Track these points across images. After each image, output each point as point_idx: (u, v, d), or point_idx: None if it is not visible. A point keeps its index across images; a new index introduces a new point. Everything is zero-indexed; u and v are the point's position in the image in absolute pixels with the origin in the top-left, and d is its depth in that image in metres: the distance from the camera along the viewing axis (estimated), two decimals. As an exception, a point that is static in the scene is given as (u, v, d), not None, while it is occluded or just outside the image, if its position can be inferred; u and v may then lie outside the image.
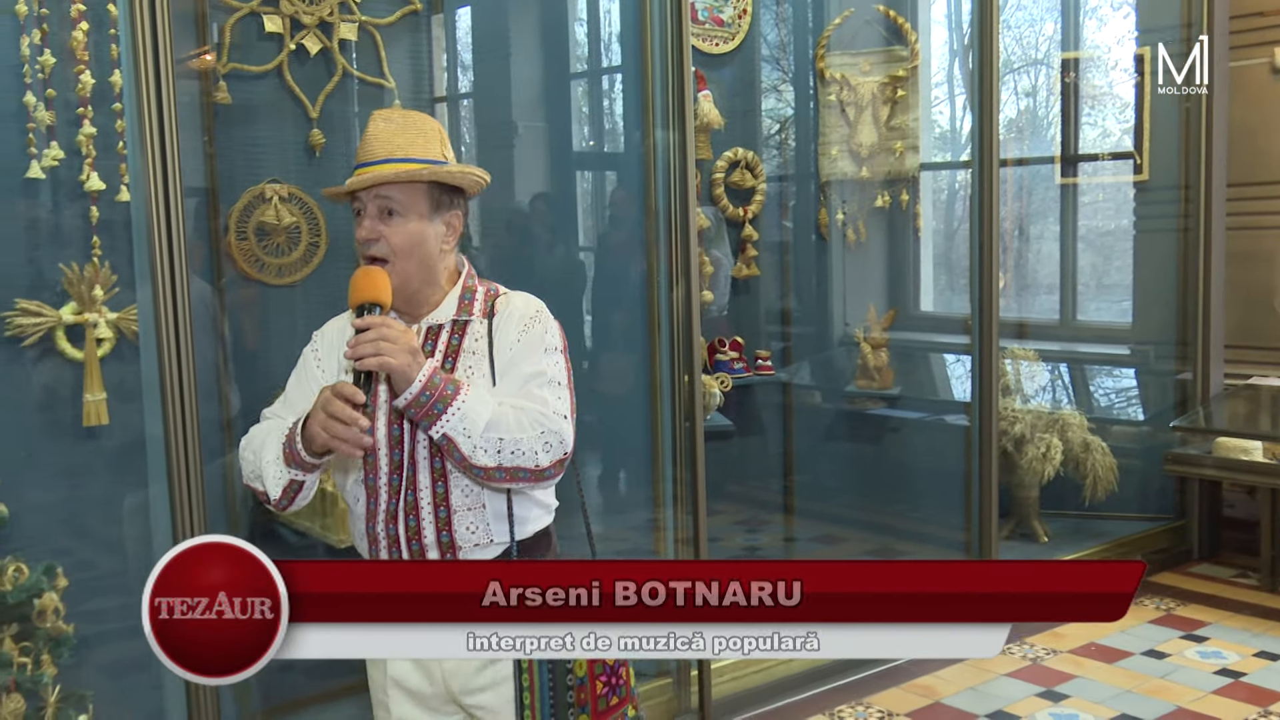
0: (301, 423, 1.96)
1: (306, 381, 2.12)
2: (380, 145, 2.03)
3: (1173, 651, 4.42)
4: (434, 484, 2.05)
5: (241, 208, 3.55)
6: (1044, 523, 5.47)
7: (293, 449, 1.97)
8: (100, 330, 3.15)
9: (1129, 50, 5.83)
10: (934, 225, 6.09)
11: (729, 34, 4.80)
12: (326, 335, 2.17)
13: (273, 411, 2.14)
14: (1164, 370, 5.80)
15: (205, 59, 3.48)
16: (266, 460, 2.02)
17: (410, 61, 3.92)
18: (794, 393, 5.33)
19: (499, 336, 2.08)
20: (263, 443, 2.05)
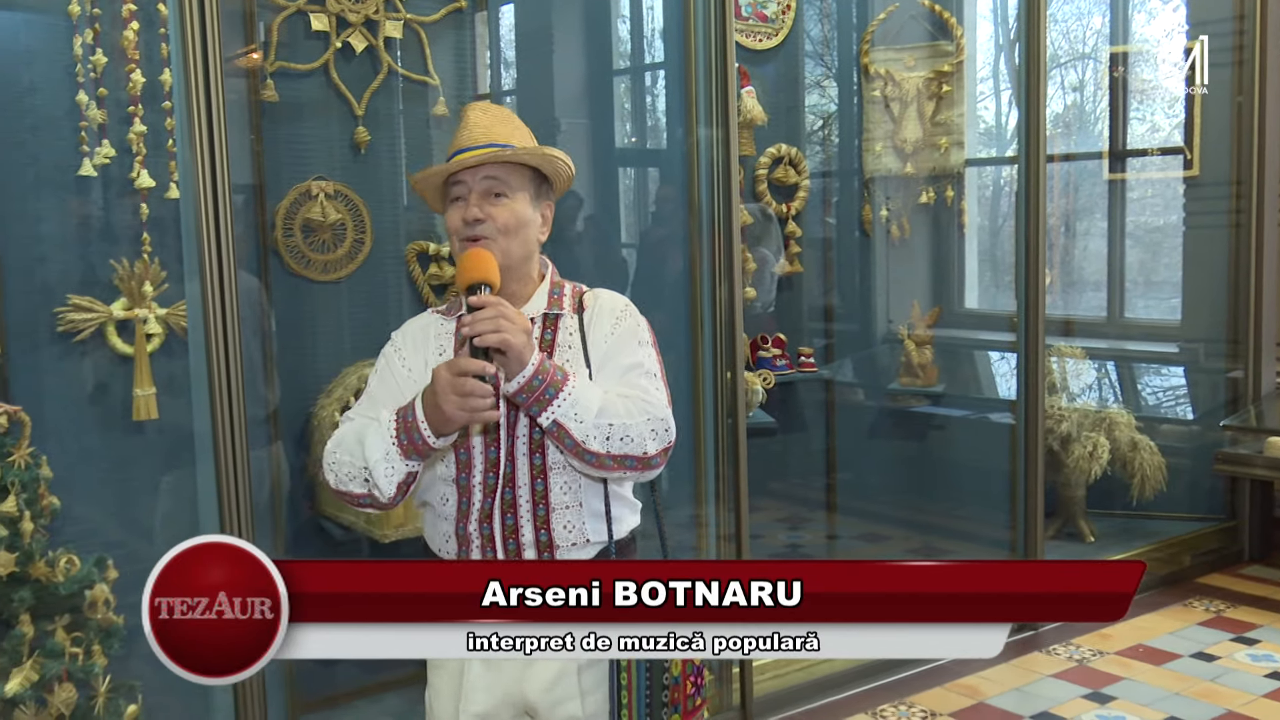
0: (418, 410, 1.93)
1: (392, 381, 2.09)
2: (481, 132, 2.06)
3: (1223, 654, 4.36)
4: (533, 481, 2.05)
5: (288, 204, 3.58)
6: (1090, 522, 5.41)
7: (412, 439, 1.93)
8: (150, 326, 3.19)
9: (1179, 44, 5.75)
10: (979, 221, 6.04)
11: (772, 30, 4.78)
12: (408, 334, 2.15)
13: (358, 413, 2.08)
14: (1214, 368, 5.72)
15: (253, 57, 3.51)
16: (374, 459, 1.96)
17: (454, 59, 3.94)
18: (837, 390, 5.30)
19: (592, 331, 2.09)
20: (360, 442, 1.99)
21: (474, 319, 1.89)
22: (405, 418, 1.95)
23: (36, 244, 3.14)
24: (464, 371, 1.86)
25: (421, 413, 1.92)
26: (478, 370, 1.86)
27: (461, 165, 2.03)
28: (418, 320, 2.18)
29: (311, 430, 3.63)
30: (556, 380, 1.93)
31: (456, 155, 2.06)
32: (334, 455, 2.02)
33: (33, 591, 2.70)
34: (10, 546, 2.67)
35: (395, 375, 2.10)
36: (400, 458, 1.95)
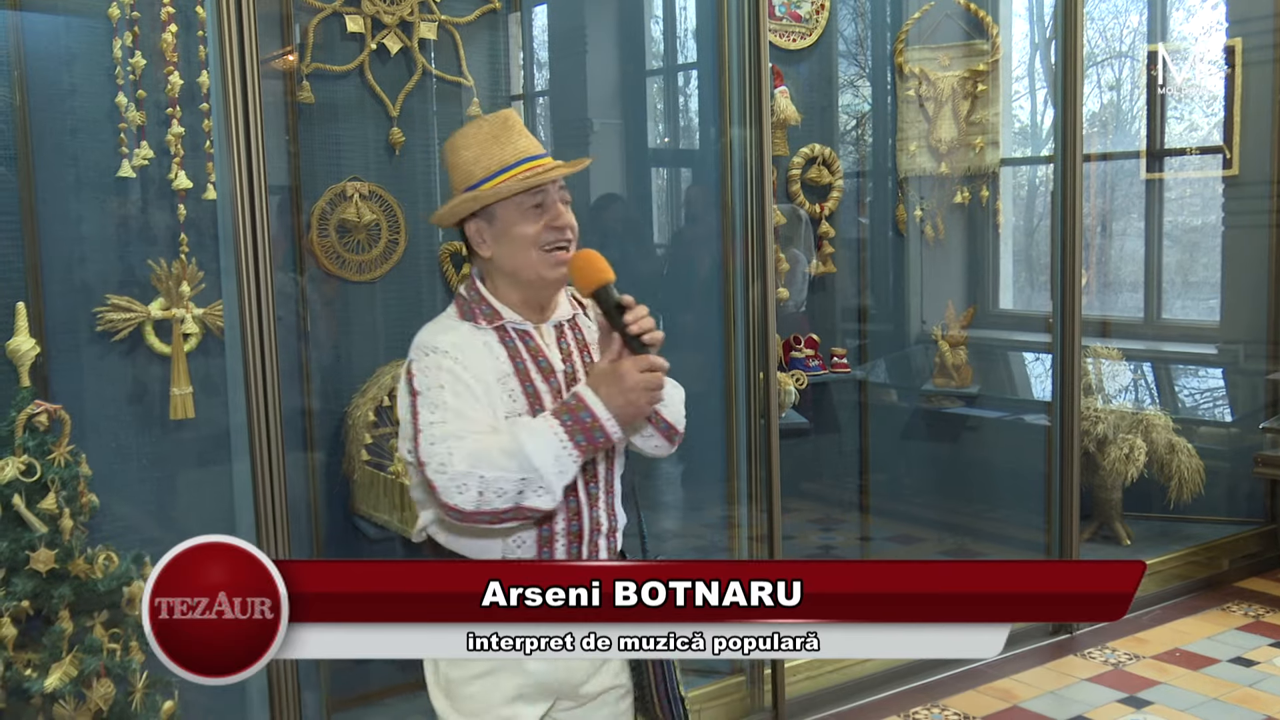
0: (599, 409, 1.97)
1: (470, 394, 2.02)
2: (535, 142, 2.12)
3: (1261, 659, 4.31)
4: (608, 471, 2.18)
5: (323, 205, 3.61)
6: (1127, 525, 5.36)
7: (592, 438, 1.97)
8: (187, 325, 3.22)
9: (1218, 42, 5.68)
10: (1014, 221, 6.00)
11: (806, 29, 4.77)
12: (463, 349, 2.06)
13: (465, 430, 1.97)
14: (1253, 370, 5.65)
15: (289, 59, 3.54)
16: (545, 465, 1.93)
17: (488, 60, 3.96)
18: (870, 391, 5.28)
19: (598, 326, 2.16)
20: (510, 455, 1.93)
21: (640, 318, 2.01)
22: (580, 418, 1.97)
23: (76, 244, 3.17)
24: (655, 368, 1.99)
25: (605, 410, 1.97)
26: (665, 367, 2.01)
27: (571, 170, 2.11)
28: (455, 332, 2.09)
29: (346, 430, 3.66)
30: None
31: (526, 163, 2.07)
32: (474, 474, 1.93)
33: (72, 588, 2.73)
34: (50, 543, 2.71)
35: (471, 388, 2.03)
36: (576, 459, 1.97)
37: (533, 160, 2.08)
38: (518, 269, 2.08)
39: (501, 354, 2.08)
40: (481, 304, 2.11)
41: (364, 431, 3.57)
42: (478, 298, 2.12)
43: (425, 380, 2.02)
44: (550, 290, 2.13)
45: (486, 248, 2.10)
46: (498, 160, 2.07)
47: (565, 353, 2.14)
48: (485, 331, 2.10)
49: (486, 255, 2.11)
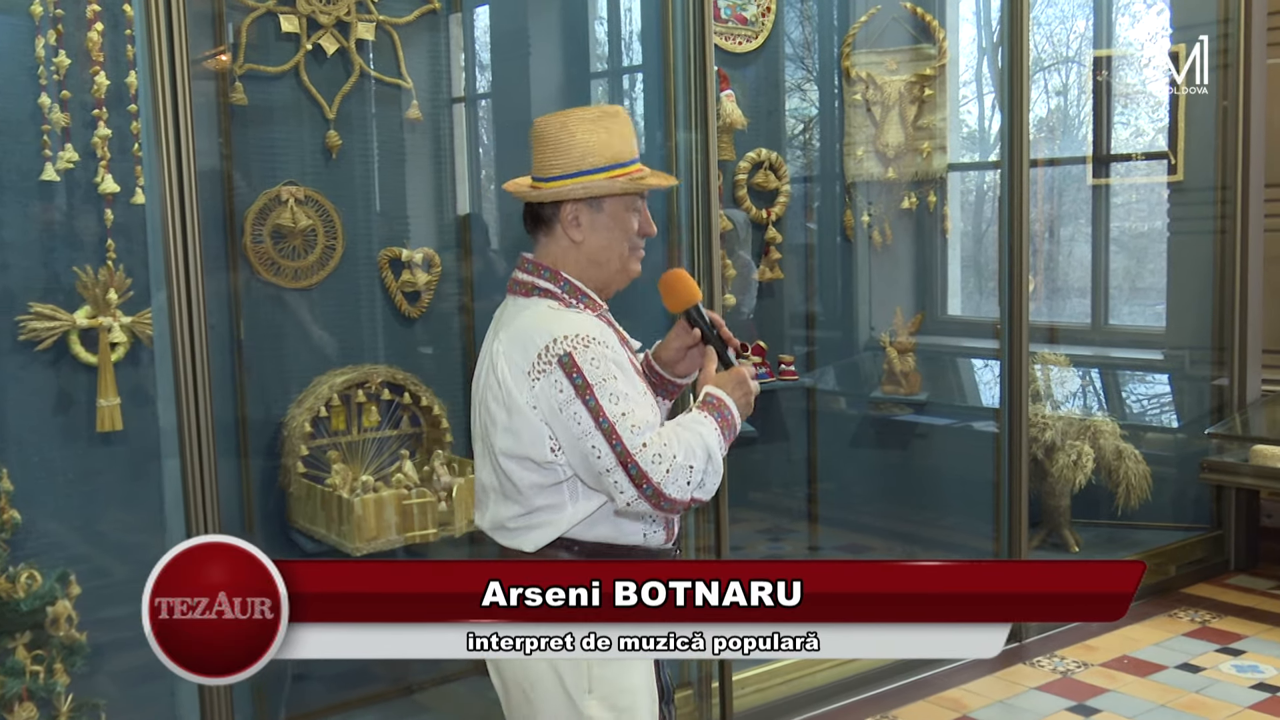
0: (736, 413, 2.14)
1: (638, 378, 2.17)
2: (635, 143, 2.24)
3: (1208, 665, 4.39)
4: None
5: (257, 210, 3.57)
6: (1075, 532, 5.44)
7: (733, 434, 2.14)
8: (114, 334, 3.17)
9: (1163, 47, 5.80)
10: (962, 227, 6.07)
11: (752, 32, 4.80)
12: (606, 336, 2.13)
13: (654, 420, 2.08)
14: (1199, 375, 5.76)
15: (221, 59, 3.50)
16: (719, 461, 2.08)
17: (428, 61, 3.94)
18: (818, 398, 5.32)
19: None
20: (707, 450, 2.05)
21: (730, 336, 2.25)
22: (726, 417, 2.12)
23: (-3, 250, 3.12)
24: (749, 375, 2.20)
25: (738, 411, 2.16)
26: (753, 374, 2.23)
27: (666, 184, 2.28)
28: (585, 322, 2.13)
29: (282, 441, 3.62)
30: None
31: (637, 164, 2.20)
32: (685, 465, 2.02)
33: (-7, 608, 2.68)
34: (-31, 562, 2.65)
35: (633, 376, 2.14)
36: (725, 449, 2.11)
37: (640, 163, 2.21)
38: (609, 259, 2.19)
39: (615, 339, 2.19)
40: (578, 293, 2.18)
41: (300, 443, 3.54)
42: (571, 288, 2.18)
43: (595, 371, 2.04)
44: (622, 284, 2.26)
45: (580, 231, 2.17)
46: (618, 153, 2.17)
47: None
48: (595, 318, 2.18)
49: (578, 239, 2.17)
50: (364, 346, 3.83)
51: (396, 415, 3.76)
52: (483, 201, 4.43)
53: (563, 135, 2.16)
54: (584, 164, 2.15)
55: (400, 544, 3.50)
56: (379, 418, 3.71)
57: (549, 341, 2.06)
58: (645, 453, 2.00)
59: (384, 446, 3.75)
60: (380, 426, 3.73)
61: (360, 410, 3.69)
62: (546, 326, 2.09)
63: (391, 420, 3.75)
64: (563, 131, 2.16)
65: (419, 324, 3.89)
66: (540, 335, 2.07)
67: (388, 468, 3.70)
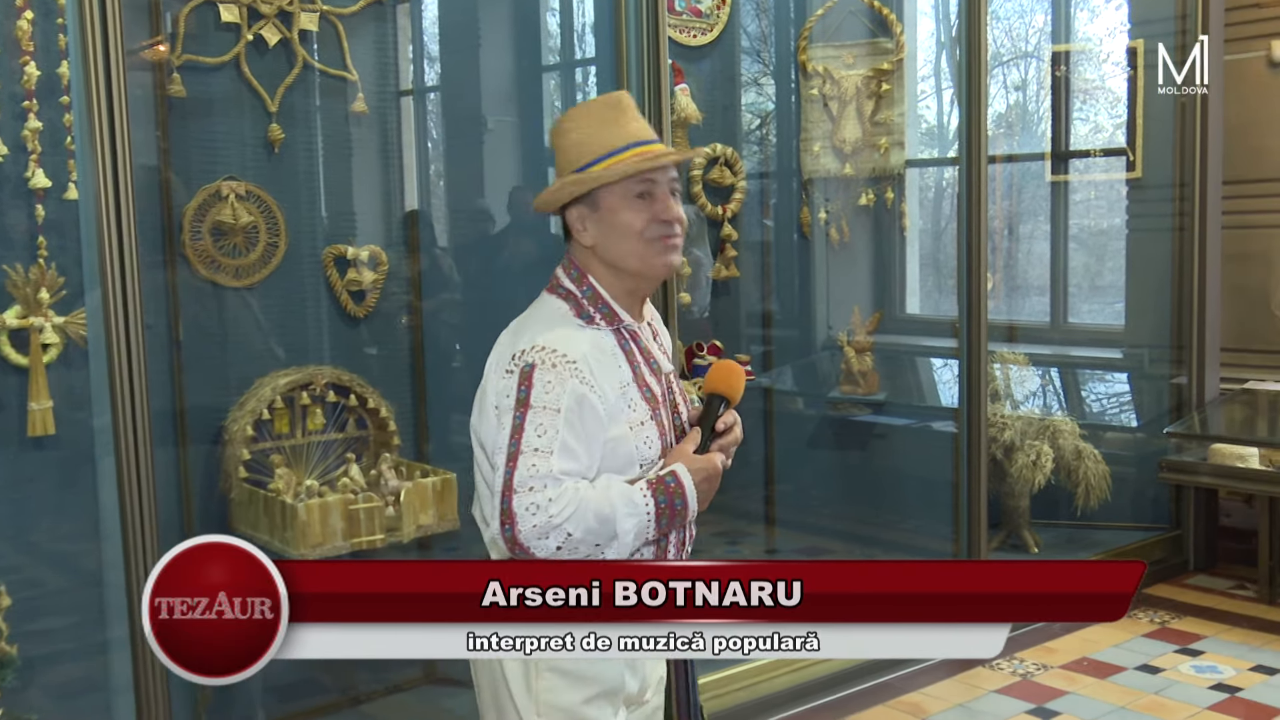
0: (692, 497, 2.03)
1: (596, 432, 1.99)
2: (647, 127, 2.10)
3: (1167, 666, 4.45)
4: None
5: (196, 206, 3.53)
6: (1035, 533, 5.50)
7: (674, 520, 2.03)
8: (46, 335, 3.13)
9: (1121, 43, 5.87)
10: (920, 224, 6.12)
11: (707, 25, 4.80)
12: (588, 360, 2.01)
13: (564, 473, 1.94)
14: (1158, 374, 5.84)
15: (158, 50, 3.46)
16: (628, 540, 1.98)
17: (374, 53, 3.91)
18: (775, 399, 5.34)
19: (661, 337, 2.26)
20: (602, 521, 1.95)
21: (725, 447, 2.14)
22: (674, 505, 2.02)
23: (-78, 248, 3.06)
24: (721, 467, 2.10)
25: (695, 503, 2.04)
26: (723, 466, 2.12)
27: (664, 164, 2.06)
28: (578, 338, 2.03)
29: (222, 445, 3.58)
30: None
31: (636, 148, 2.06)
32: (565, 529, 1.92)
33: (-82, 621, 2.63)
34: (-107, 573, 2.60)
35: (595, 419, 1.99)
36: (652, 536, 2.02)
37: (643, 145, 2.06)
38: (621, 259, 2.06)
39: (623, 360, 2.08)
40: (598, 302, 2.09)
41: (242, 447, 3.50)
42: (593, 295, 2.09)
43: (543, 395, 1.95)
44: (653, 283, 2.14)
45: (588, 235, 2.08)
46: (605, 143, 2.06)
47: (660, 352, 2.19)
48: (606, 334, 2.08)
49: (588, 244, 2.08)
50: (308, 347, 3.80)
51: (342, 418, 3.73)
52: (431, 198, 4.41)
53: (559, 139, 2.12)
54: (577, 162, 2.08)
55: (346, 550, 3.47)
56: (324, 420, 3.68)
57: (528, 345, 2.00)
58: (525, 497, 1.91)
59: (329, 450, 3.72)
60: (325, 429, 3.69)
61: (304, 413, 3.66)
62: (538, 329, 2.04)
63: (337, 423, 3.72)
64: (559, 135, 2.11)
65: (365, 324, 3.86)
66: (528, 336, 2.03)
67: (333, 472, 3.67)
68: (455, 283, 4.27)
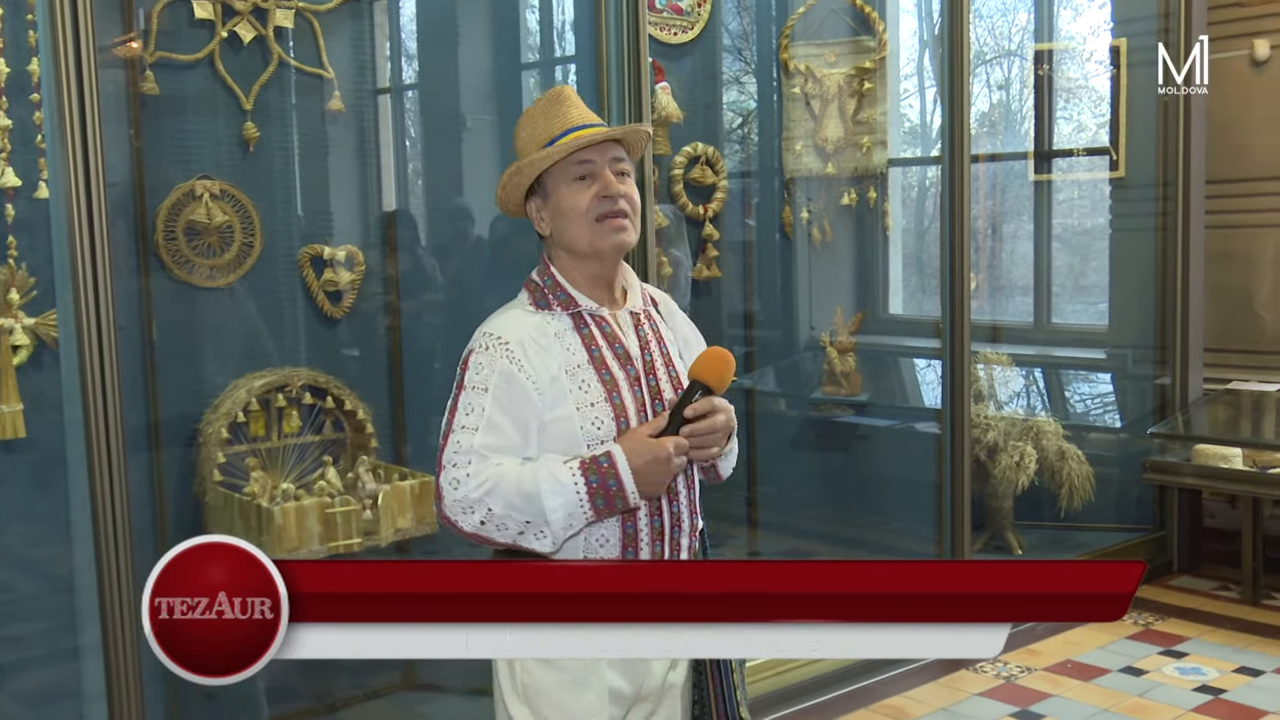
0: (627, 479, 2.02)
1: (524, 410, 2.06)
2: (585, 112, 2.16)
3: (1151, 668, 4.48)
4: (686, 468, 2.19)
5: (170, 205, 3.51)
6: (1018, 534, 5.52)
7: (611, 503, 2.03)
8: (16, 337, 3.11)
9: (1105, 42, 5.91)
10: (903, 224, 6.14)
11: (688, 23, 4.81)
12: (525, 343, 2.09)
13: (485, 448, 2.03)
14: (1142, 375, 5.87)
15: (131, 47, 3.44)
16: (556, 519, 2.00)
17: (351, 50, 3.90)
18: (757, 400, 5.35)
19: (672, 323, 2.32)
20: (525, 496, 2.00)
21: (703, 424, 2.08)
22: (607, 485, 2.02)
23: (-111, 248, 3.04)
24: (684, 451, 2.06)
25: (633, 483, 2.02)
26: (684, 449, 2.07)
27: (607, 137, 2.12)
28: (520, 321, 2.13)
29: (197, 448, 3.56)
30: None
31: (571, 132, 2.11)
32: (484, 503, 2.00)
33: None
34: None
35: (523, 396, 2.05)
36: (590, 519, 2.03)
37: (580, 129, 2.12)
38: (572, 242, 2.13)
39: (575, 343, 2.12)
40: (556, 290, 2.16)
41: (217, 450, 3.49)
42: (552, 283, 2.16)
43: (474, 376, 2.07)
44: (608, 262, 2.17)
45: (545, 225, 2.17)
46: (545, 133, 2.14)
47: (643, 341, 2.19)
48: (559, 319, 2.14)
49: (546, 233, 2.17)
50: (284, 348, 3.78)
51: (319, 420, 3.72)
52: (409, 197, 4.40)
53: (515, 140, 2.20)
54: (522, 156, 2.16)
55: (323, 554, 3.46)
56: (300, 423, 3.67)
57: (476, 334, 2.13)
58: (449, 472, 2.02)
59: (305, 453, 3.70)
60: (301, 432, 3.68)
61: (280, 415, 3.64)
62: (490, 319, 2.15)
63: (313, 425, 3.71)
64: (514, 138, 2.21)
65: (342, 324, 3.85)
66: (480, 326, 2.15)
67: (309, 475, 3.66)
68: (434, 283, 4.27)
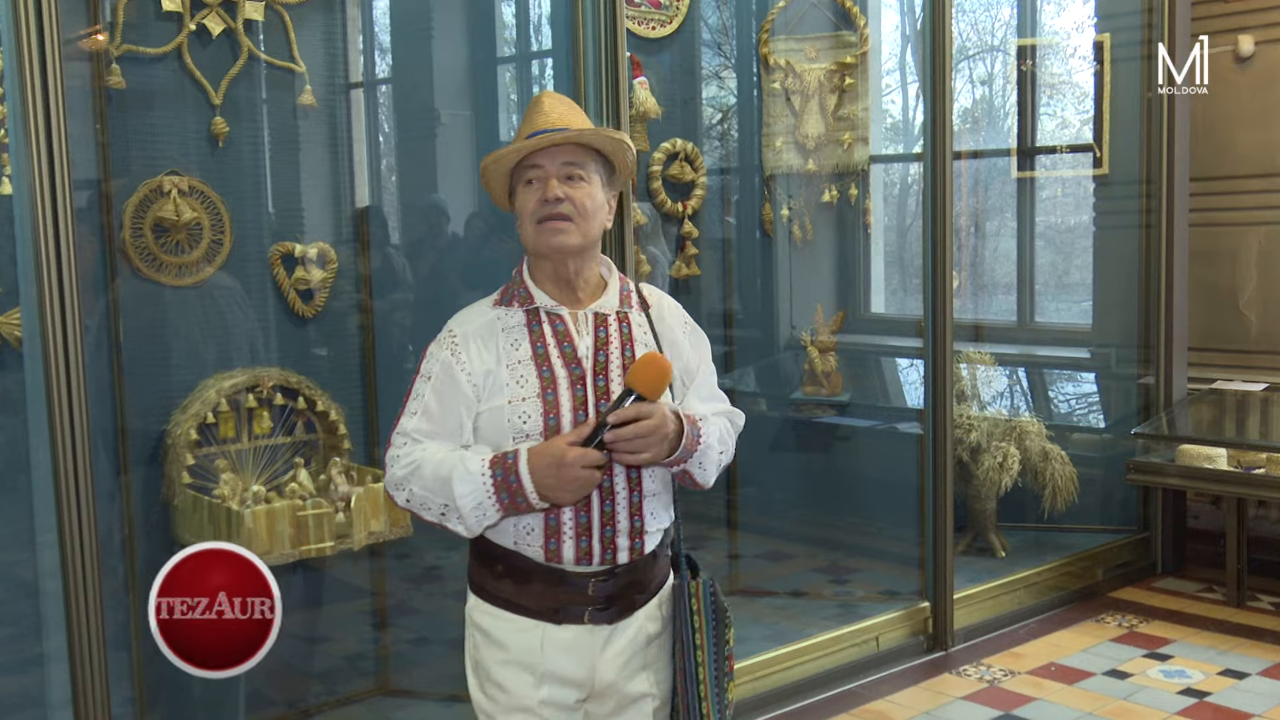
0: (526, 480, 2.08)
1: (456, 399, 2.19)
2: (557, 117, 2.24)
3: (1135, 671, 4.51)
4: (628, 470, 2.22)
5: (137, 202, 3.49)
6: (1001, 536, 5.54)
7: (514, 501, 2.10)
8: (-21, 336, 3.09)
9: (1088, 37, 5.94)
10: (885, 221, 6.16)
11: (667, 16, 4.81)
12: (469, 334, 2.23)
13: (418, 432, 2.19)
14: (1125, 374, 5.90)
15: (97, 39, 3.42)
16: (466, 507, 2.11)
17: (323, 44, 3.89)
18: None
19: (662, 328, 2.32)
20: (441, 481, 2.12)
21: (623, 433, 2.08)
22: (509, 481, 2.10)
23: None
24: (589, 463, 2.07)
25: (531, 483, 2.09)
26: (595, 462, 2.08)
27: (537, 146, 2.19)
28: (475, 315, 2.26)
29: (165, 450, 3.55)
30: (690, 447, 2.19)
31: (535, 136, 2.21)
32: (408, 484, 2.16)
33: None
34: None
35: (456, 386, 2.19)
36: (497, 511, 2.13)
37: (541, 134, 2.20)
38: (524, 242, 2.25)
39: (522, 338, 2.21)
40: (520, 286, 2.27)
41: (186, 452, 3.47)
42: (518, 280, 2.28)
43: (426, 364, 2.24)
44: (556, 262, 2.23)
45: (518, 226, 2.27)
46: (518, 137, 2.25)
47: (600, 342, 2.23)
48: (514, 314, 2.24)
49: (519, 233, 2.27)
50: (254, 348, 3.77)
51: (290, 421, 3.71)
52: (383, 193, 4.39)
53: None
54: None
55: (295, 558, 3.45)
56: (271, 424, 3.66)
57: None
58: (389, 451, 2.20)
59: (277, 454, 3.69)
60: (273, 433, 3.67)
61: (251, 416, 3.63)
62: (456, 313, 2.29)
63: (285, 427, 3.70)
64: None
65: (314, 324, 3.84)
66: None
67: (281, 477, 3.64)
68: (407, 281, 4.26)
